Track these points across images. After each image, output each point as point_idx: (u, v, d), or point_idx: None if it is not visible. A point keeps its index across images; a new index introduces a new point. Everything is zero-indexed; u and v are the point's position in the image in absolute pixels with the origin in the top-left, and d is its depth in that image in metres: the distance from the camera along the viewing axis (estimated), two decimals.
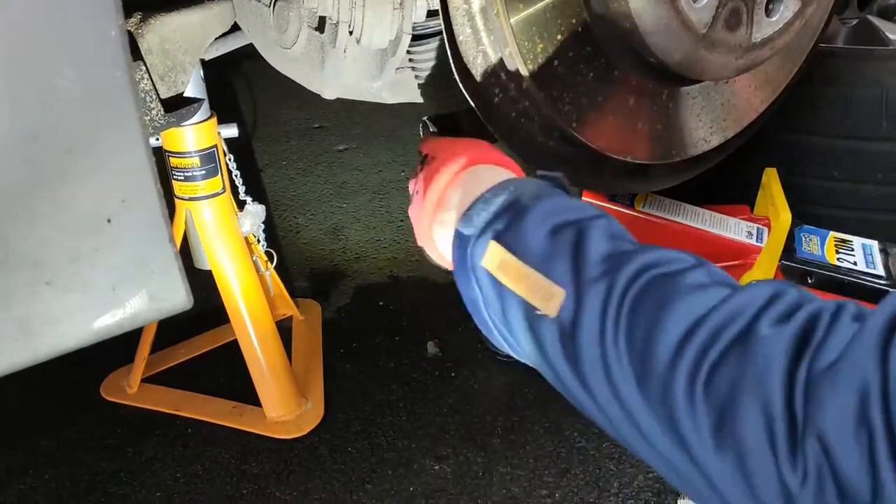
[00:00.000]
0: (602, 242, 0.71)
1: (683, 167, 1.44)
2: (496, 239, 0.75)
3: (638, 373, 0.62)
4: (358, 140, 3.19)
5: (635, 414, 0.63)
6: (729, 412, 0.56)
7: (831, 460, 0.50)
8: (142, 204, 0.97)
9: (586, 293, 0.67)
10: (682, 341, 0.60)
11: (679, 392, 0.58)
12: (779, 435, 0.53)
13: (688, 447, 0.59)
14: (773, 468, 0.53)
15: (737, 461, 0.55)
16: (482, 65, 1.16)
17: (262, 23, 1.28)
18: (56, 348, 0.97)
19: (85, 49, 0.87)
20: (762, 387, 0.55)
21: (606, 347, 0.65)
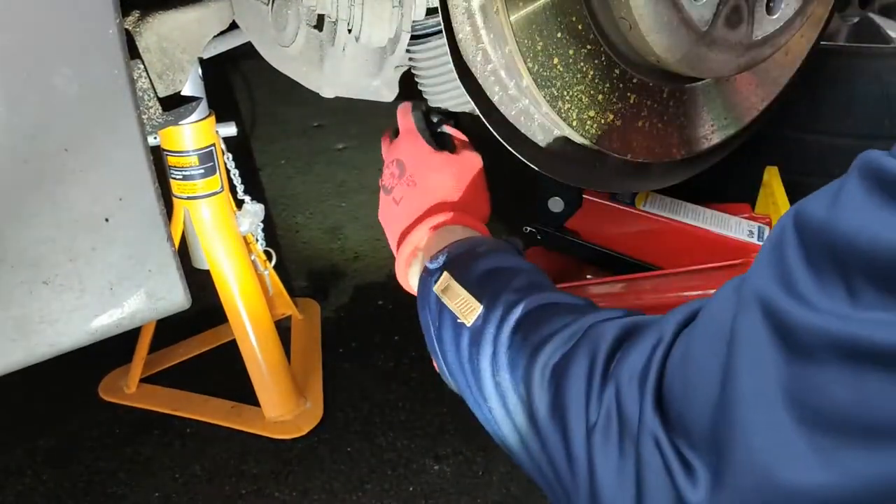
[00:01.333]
0: (524, 280, 0.88)
1: (684, 166, 1.44)
2: (447, 269, 0.93)
3: (512, 363, 0.78)
4: (357, 139, 3.19)
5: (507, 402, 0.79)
6: (563, 379, 0.71)
7: (618, 397, 0.64)
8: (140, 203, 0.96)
9: (494, 308, 0.84)
10: (546, 337, 0.76)
11: (536, 373, 0.74)
12: (593, 386, 0.67)
13: (535, 419, 0.73)
14: (583, 417, 0.67)
15: (560, 422, 0.69)
16: (482, 63, 1.15)
17: (261, 21, 1.27)
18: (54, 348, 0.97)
19: (83, 47, 0.87)
20: (591, 353, 0.69)
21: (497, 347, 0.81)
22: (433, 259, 0.97)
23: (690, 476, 0.57)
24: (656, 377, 0.62)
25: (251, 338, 1.73)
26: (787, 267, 0.52)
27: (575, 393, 0.69)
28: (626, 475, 0.62)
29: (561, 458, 0.70)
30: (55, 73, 0.86)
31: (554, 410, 0.71)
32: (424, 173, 1.13)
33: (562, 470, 0.70)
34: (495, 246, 0.98)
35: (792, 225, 0.54)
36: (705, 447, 0.57)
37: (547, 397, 0.72)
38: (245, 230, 1.76)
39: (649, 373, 0.63)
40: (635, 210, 1.93)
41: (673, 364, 0.62)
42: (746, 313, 0.54)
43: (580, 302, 0.85)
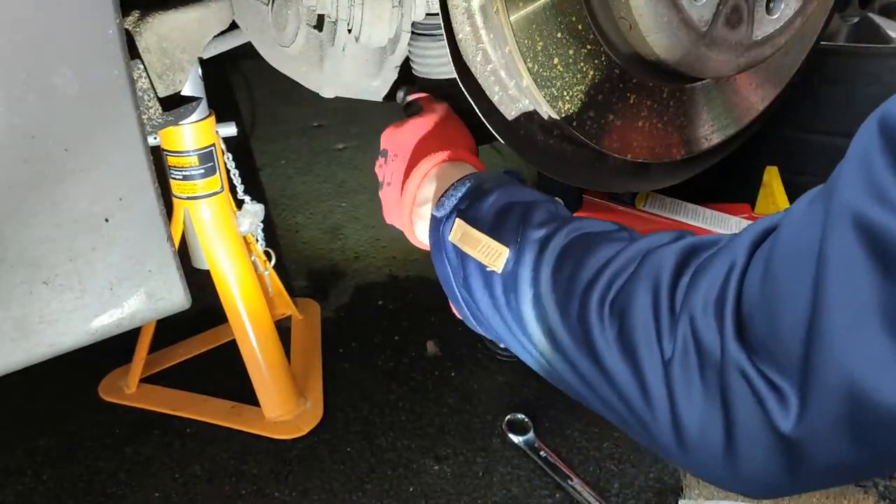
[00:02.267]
0: (543, 213, 0.86)
1: (684, 166, 1.44)
2: (460, 216, 0.90)
3: (559, 301, 0.76)
4: (357, 139, 3.19)
5: (560, 340, 0.76)
6: (629, 313, 0.68)
7: (694, 330, 0.62)
8: (139, 203, 0.96)
9: (524, 249, 0.82)
10: (597, 273, 0.74)
11: (592, 312, 0.72)
12: (662, 321, 0.65)
13: (598, 355, 0.71)
14: (657, 354, 0.65)
15: (631, 358, 0.67)
16: (482, 63, 1.15)
17: (261, 21, 1.27)
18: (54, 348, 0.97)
19: (83, 47, 0.87)
20: (654, 284, 0.67)
21: (538, 284, 0.79)
22: (438, 206, 0.95)
23: (781, 401, 0.56)
24: (734, 304, 0.60)
25: (251, 338, 1.73)
26: (877, 176, 0.49)
27: (642, 328, 0.66)
28: (712, 406, 0.61)
29: (635, 393, 0.67)
30: (55, 73, 0.86)
31: (621, 347, 0.68)
32: (398, 143, 1.12)
33: (636, 404, 0.68)
34: (497, 179, 0.95)
35: (877, 131, 0.51)
36: (794, 370, 0.55)
37: (611, 334, 0.69)
38: (245, 230, 1.76)
39: (726, 301, 0.60)
40: (635, 210, 1.93)
41: (751, 289, 0.59)
42: (836, 230, 0.51)
43: (612, 226, 0.82)
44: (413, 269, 2.34)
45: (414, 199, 1.05)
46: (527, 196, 0.91)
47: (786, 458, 0.57)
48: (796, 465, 0.57)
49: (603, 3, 1.13)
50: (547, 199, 0.91)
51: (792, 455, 0.56)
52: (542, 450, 1.65)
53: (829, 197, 0.53)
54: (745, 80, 1.39)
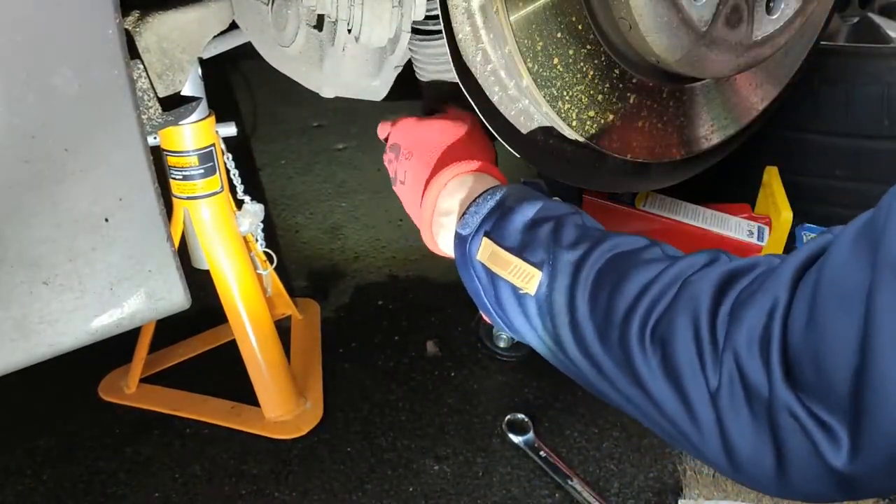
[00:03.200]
0: (572, 231, 0.86)
1: (684, 166, 1.44)
2: (487, 235, 0.90)
3: (599, 328, 0.77)
4: (357, 139, 3.19)
5: (600, 363, 0.77)
6: (670, 344, 0.69)
7: (740, 367, 0.63)
8: (139, 203, 0.96)
9: (557, 273, 0.82)
10: (635, 300, 0.74)
11: (633, 340, 0.72)
12: (705, 353, 0.66)
13: (641, 381, 0.72)
14: (702, 383, 0.66)
15: (675, 384, 0.69)
16: (482, 63, 1.16)
17: (261, 21, 1.27)
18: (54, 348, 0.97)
19: (82, 47, 0.87)
20: (693, 317, 0.68)
21: (575, 310, 0.79)
22: (463, 223, 0.95)
23: (831, 439, 0.58)
24: (780, 345, 0.61)
25: (251, 338, 1.73)
26: None
27: (685, 358, 0.68)
28: (762, 436, 0.63)
29: (682, 417, 0.69)
30: (55, 73, 0.86)
31: (665, 374, 0.70)
32: (416, 141, 1.11)
33: (683, 426, 0.69)
34: (521, 193, 0.94)
35: None
36: (844, 411, 0.57)
37: (654, 362, 0.71)
38: (245, 230, 1.76)
39: (771, 341, 0.62)
40: (635, 210, 1.93)
41: (796, 331, 0.61)
42: (884, 283, 0.53)
43: (643, 242, 0.82)
44: (413, 269, 2.34)
45: (434, 208, 1.04)
46: (553, 210, 0.90)
47: (839, 486, 0.59)
48: (850, 491, 0.59)
49: (603, 3, 1.13)
50: (573, 212, 0.91)
51: (845, 484, 0.59)
52: (542, 450, 1.65)
53: (875, 243, 0.55)
54: (745, 80, 1.39)
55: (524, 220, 0.89)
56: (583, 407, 1.78)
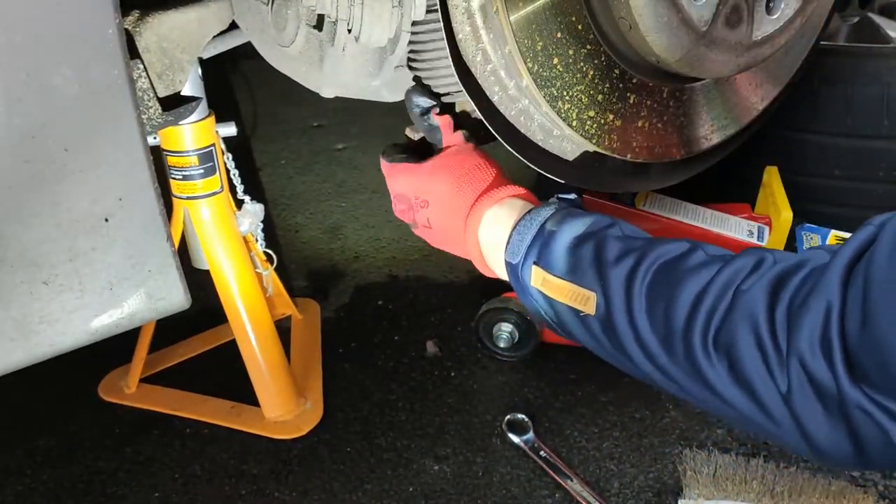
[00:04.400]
0: (615, 246, 0.89)
1: (684, 166, 1.44)
2: (535, 263, 0.95)
3: (663, 341, 0.81)
4: (357, 139, 3.19)
5: (670, 372, 0.82)
6: (734, 352, 0.74)
7: (806, 369, 0.68)
8: (139, 203, 0.96)
9: (611, 290, 0.86)
10: (691, 311, 0.78)
11: (698, 351, 0.77)
12: (771, 359, 0.71)
13: (712, 387, 0.77)
14: (772, 386, 0.71)
15: (747, 389, 0.74)
16: (482, 63, 1.15)
17: (261, 21, 1.27)
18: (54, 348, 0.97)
19: (82, 47, 0.87)
20: (752, 325, 0.73)
21: (637, 326, 0.83)
22: (509, 251, 0.99)
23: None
24: (840, 346, 0.65)
25: (251, 338, 1.73)
26: None
27: (752, 365, 0.73)
28: (838, 429, 0.68)
29: (757, 415, 0.74)
30: (55, 73, 0.86)
31: (734, 380, 0.75)
32: (425, 189, 1.13)
33: (760, 421, 0.75)
34: (557, 215, 0.98)
35: None
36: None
37: (722, 370, 0.76)
38: (245, 230, 1.76)
39: (832, 343, 0.66)
40: (635, 210, 1.93)
41: (854, 332, 0.65)
42: None
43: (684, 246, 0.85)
44: (413, 269, 2.34)
45: (479, 244, 1.07)
46: (591, 226, 0.94)
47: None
48: None
49: (603, 3, 1.13)
50: (610, 224, 0.94)
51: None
52: (542, 450, 1.65)
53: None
54: (745, 80, 1.39)
55: (566, 243, 0.93)
56: (583, 407, 1.78)
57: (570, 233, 0.94)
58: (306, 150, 3.14)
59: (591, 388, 1.83)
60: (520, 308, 1.85)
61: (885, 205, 2.03)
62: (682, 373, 0.81)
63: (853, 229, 2.05)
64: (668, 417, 1.73)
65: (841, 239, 1.91)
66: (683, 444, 1.66)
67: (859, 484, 1.50)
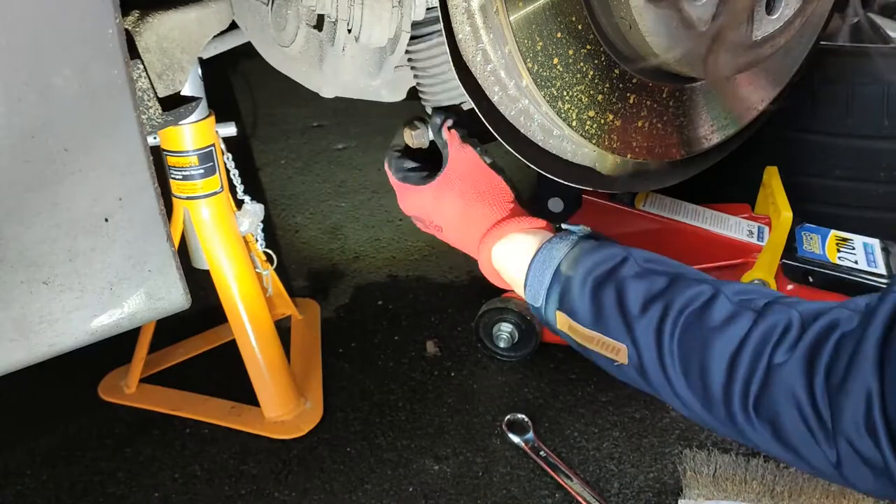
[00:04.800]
0: (636, 290, 0.90)
1: (684, 166, 1.44)
2: (559, 309, 0.95)
3: (702, 402, 0.84)
4: (357, 138, 3.19)
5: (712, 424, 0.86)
6: (778, 423, 0.78)
7: (855, 449, 0.73)
8: (139, 203, 0.96)
9: (641, 345, 0.87)
10: (727, 380, 0.81)
11: (739, 417, 0.81)
12: (817, 434, 0.76)
13: (756, 445, 0.83)
14: (821, 454, 0.76)
15: (795, 454, 0.79)
16: (482, 63, 1.15)
17: (261, 21, 1.27)
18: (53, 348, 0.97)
19: (82, 47, 0.87)
20: (794, 401, 0.77)
21: (673, 384, 0.87)
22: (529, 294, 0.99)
23: None
24: (885, 428, 0.70)
25: (251, 338, 1.73)
26: None
27: (798, 436, 0.78)
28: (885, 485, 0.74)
29: (806, 468, 0.80)
30: (55, 73, 0.86)
31: (780, 444, 0.80)
32: (434, 214, 1.14)
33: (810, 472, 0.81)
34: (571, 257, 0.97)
35: None
36: None
37: (766, 434, 0.80)
38: (245, 230, 1.76)
39: (877, 427, 0.71)
40: (635, 210, 1.93)
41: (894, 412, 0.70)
42: None
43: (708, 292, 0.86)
44: (413, 269, 2.34)
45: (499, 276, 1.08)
46: (604, 264, 0.93)
47: None
48: None
49: (603, 3, 1.13)
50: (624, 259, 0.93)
51: None
52: (542, 450, 1.65)
53: None
54: (745, 80, 1.39)
55: (586, 289, 0.92)
56: (583, 407, 1.78)
57: (587, 276, 0.93)
58: (306, 150, 3.14)
59: (591, 388, 1.83)
60: (520, 308, 1.85)
61: (884, 205, 2.03)
62: (724, 428, 0.85)
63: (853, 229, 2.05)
64: (668, 417, 1.73)
65: (841, 239, 1.91)
66: (683, 444, 1.66)
67: None
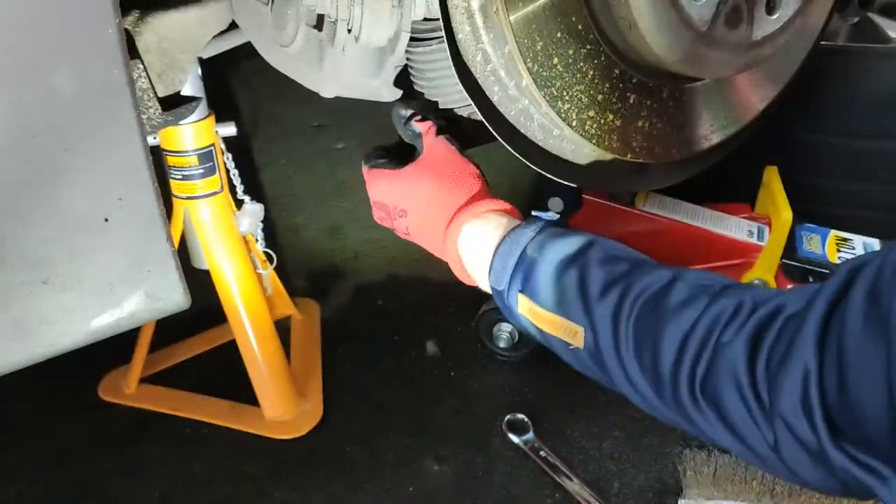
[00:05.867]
0: (598, 275, 0.89)
1: (683, 166, 1.44)
2: (521, 292, 0.94)
3: (652, 384, 0.84)
4: (357, 138, 3.18)
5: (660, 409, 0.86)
6: (722, 404, 0.78)
7: (791, 429, 0.72)
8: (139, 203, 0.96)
9: (599, 327, 0.87)
10: (676, 360, 0.81)
11: (687, 401, 0.81)
12: (756, 415, 0.76)
13: (702, 430, 0.82)
14: (760, 436, 0.76)
15: (736, 435, 0.78)
16: (482, 63, 1.15)
17: (260, 21, 1.27)
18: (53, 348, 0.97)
19: (82, 47, 0.87)
20: (735, 381, 0.77)
21: (626, 367, 0.86)
22: (493, 277, 0.99)
23: (882, 481, 0.67)
24: (821, 409, 0.69)
25: (251, 338, 1.73)
26: None
27: (739, 418, 0.77)
28: (826, 475, 0.73)
29: (749, 456, 0.80)
30: (55, 73, 0.86)
31: (724, 427, 0.80)
32: (402, 198, 1.14)
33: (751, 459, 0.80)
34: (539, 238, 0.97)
35: None
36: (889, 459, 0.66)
37: (711, 417, 0.80)
38: (245, 230, 1.76)
39: (813, 408, 0.70)
40: (635, 210, 1.93)
41: (832, 397, 0.69)
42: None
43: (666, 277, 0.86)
44: (413, 269, 2.34)
45: (460, 261, 1.07)
46: (570, 247, 0.93)
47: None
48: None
49: (603, 3, 1.13)
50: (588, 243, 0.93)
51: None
52: (542, 450, 1.65)
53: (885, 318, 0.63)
54: (745, 80, 1.39)
55: (550, 272, 0.92)
56: (583, 407, 1.78)
57: (552, 258, 0.93)
58: (306, 150, 3.14)
59: (591, 388, 1.83)
60: None
61: (884, 205, 2.03)
62: (671, 413, 0.84)
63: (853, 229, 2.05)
64: None
65: (841, 239, 1.91)
66: (683, 444, 1.66)
67: None
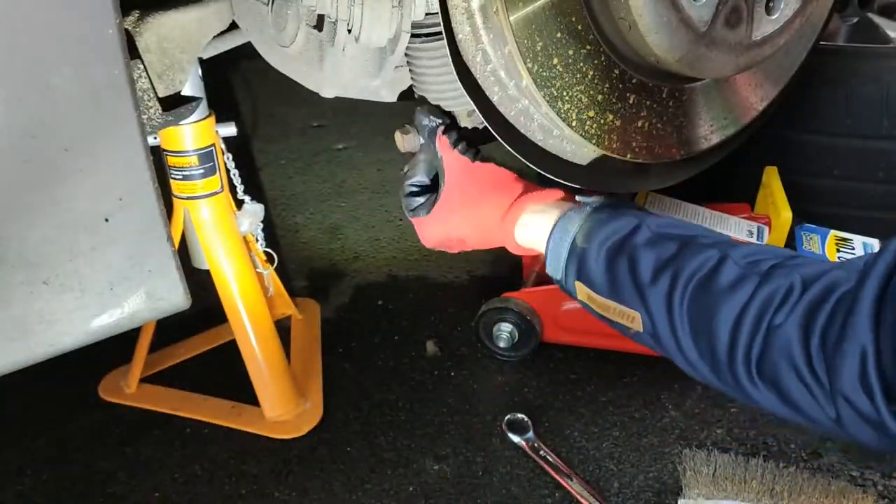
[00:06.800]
0: (647, 259, 0.95)
1: (683, 166, 1.44)
2: (578, 280, 1.02)
3: (710, 366, 0.90)
4: (357, 138, 3.19)
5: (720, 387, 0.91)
6: (781, 384, 0.83)
7: (852, 405, 0.77)
8: (139, 203, 0.96)
9: (654, 313, 0.93)
10: (731, 344, 0.86)
11: (744, 381, 0.87)
12: (815, 393, 0.80)
13: (762, 406, 0.88)
14: (821, 411, 0.81)
15: (796, 410, 0.84)
16: (481, 63, 1.16)
17: (261, 21, 1.27)
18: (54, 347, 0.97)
19: (82, 47, 0.87)
20: (791, 362, 0.81)
21: (683, 349, 0.92)
22: (549, 266, 1.07)
23: None
24: (881, 387, 0.74)
25: (251, 338, 1.73)
26: None
27: (799, 396, 0.82)
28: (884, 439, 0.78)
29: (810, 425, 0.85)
30: (55, 73, 0.86)
31: (784, 404, 0.84)
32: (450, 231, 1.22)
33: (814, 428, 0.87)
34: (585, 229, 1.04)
35: None
36: None
37: (771, 397, 0.85)
38: (245, 230, 1.76)
39: (872, 386, 0.74)
40: None
41: (891, 371, 0.73)
42: None
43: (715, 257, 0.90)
44: (413, 269, 2.34)
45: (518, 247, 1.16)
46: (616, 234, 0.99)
47: None
48: None
49: (603, 3, 1.13)
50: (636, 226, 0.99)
51: None
52: (542, 450, 1.65)
53: None
54: (745, 80, 1.39)
55: (600, 260, 0.99)
56: (583, 407, 1.78)
57: (601, 246, 0.99)
58: (306, 150, 3.14)
59: (591, 388, 1.83)
60: (520, 308, 1.85)
61: (884, 205, 2.03)
62: (732, 390, 0.89)
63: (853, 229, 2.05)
64: (667, 417, 1.73)
65: (841, 239, 1.91)
66: (683, 444, 1.66)
67: (859, 483, 1.50)
